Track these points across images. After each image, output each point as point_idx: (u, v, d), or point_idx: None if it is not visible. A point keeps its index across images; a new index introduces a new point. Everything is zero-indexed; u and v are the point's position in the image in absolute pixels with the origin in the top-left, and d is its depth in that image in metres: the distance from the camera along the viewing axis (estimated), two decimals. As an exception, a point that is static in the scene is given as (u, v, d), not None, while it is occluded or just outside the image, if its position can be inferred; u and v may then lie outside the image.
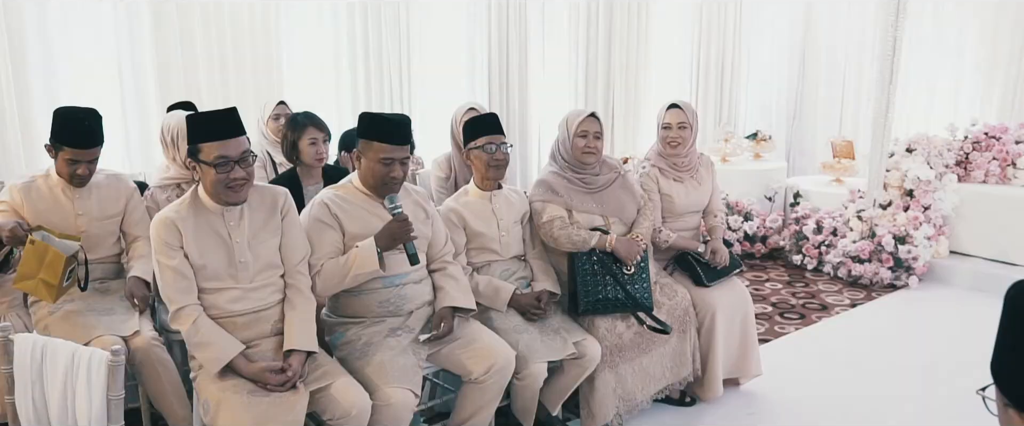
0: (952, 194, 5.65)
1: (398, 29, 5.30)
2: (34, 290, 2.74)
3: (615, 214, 3.38)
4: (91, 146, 2.86)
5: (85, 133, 2.84)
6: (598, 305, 3.19)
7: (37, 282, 2.71)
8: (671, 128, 3.58)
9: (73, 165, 2.85)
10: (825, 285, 5.57)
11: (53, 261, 2.72)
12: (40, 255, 2.70)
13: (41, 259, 2.71)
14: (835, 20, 8.00)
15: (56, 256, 2.73)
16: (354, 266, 2.66)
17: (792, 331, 4.64)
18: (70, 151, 2.82)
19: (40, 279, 2.71)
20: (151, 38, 4.37)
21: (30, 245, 2.70)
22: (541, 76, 6.26)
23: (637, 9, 6.74)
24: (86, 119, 2.85)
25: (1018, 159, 5.65)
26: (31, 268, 2.71)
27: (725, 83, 7.67)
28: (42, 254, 2.71)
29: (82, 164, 2.86)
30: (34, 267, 2.70)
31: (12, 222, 2.77)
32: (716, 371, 3.54)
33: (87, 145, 2.84)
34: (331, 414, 2.46)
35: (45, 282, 2.72)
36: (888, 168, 5.80)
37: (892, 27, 5.47)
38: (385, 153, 2.66)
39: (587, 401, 3.28)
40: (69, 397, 1.87)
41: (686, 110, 3.59)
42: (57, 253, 2.74)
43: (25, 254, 2.70)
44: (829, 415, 3.51)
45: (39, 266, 2.70)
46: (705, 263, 3.60)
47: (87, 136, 2.84)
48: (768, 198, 6.60)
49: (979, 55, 7.05)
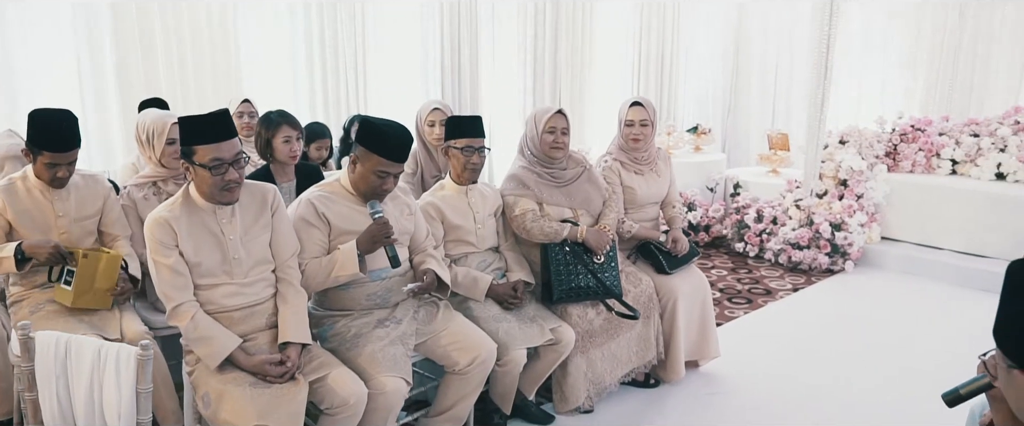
0: (882, 183, 6.00)
1: (354, 27, 5.35)
2: (94, 302, 2.81)
3: (583, 206, 3.53)
4: (70, 149, 2.86)
5: (63, 136, 2.84)
6: (571, 293, 3.34)
7: (94, 293, 2.80)
8: (634, 125, 3.74)
9: (53, 168, 2.85)
10: (767, 271, 5.85)
11: (108, 267, 2.81)
12: (92, 267, 2.77)
13: (94, 270, 2.78)
14: (766, 18, 8.35)
15: (111, 260, 2.82)
16: (335, 268, 2.73)
17: (741, 315, 4.88)
18: (49, 155, 2.82)
19: (97, 289, 2.79)
20: (111, 37, 4.32)
21: (83, 259, 2.76)
22: (491, 73, 6.39)
23: (582, 9, 6.92)
24: (63, 122, 2.85)
25: (942, 150, 6.04)
26: (86, 283, 2.78)
27: (664, 79, 7.92)
28: (94, 265, 2.77)
29: (62, 167, 2.86)
30: (88, 282, 2.78)
31: (50, 243, 2.82)
32: (679, 354, 3.73)
33: (66, 148, 2.85)
34: (329, 403, 2.54)
35: (102, 290, 2.82)
36: (823, 159, 6.11)
37: (826, 25, 5.76)
38: (383, 167, 2.72)
39: (560, 385, 3.44)
40: (96, 391, 1.91)
41: (648, 107, 3.76)
42: (112, 256, 2.82)
43: (79, 271, 2.76)
44: (783, 391, 3.74)
45: (93, 278, 2.78)
46: (666, 252, 3.78)
47: (65, 139, 2.84)
48: (710, 189, 6.88)
49: (903, 52, 7.48)
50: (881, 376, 3.90)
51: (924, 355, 4.18)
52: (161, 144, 3.19)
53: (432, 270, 2.90)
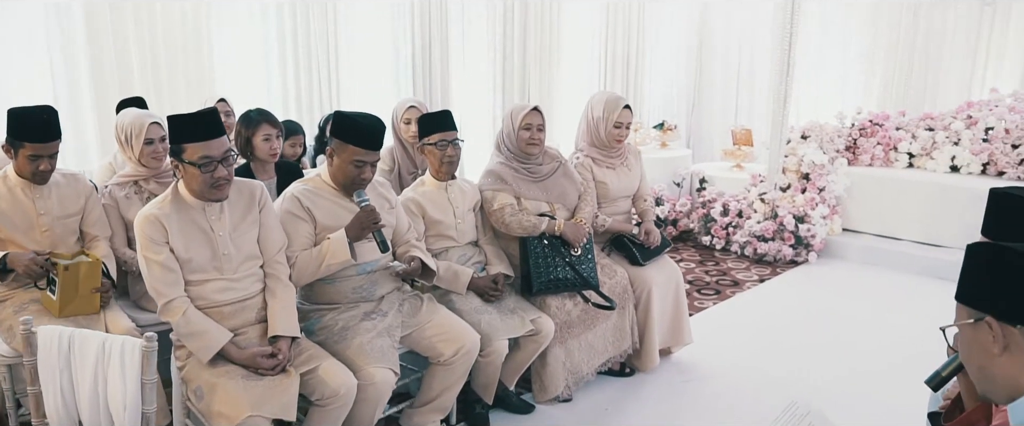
0: (843, 176, 6.19)
1: (326, 27, 5.39)
2: (80, 308, 2.81)
3: (559, 201, 3.62)
4: (51, 139, 2.88)
5: (44, 127, 2.84)
6: (550, 285, 3.43)
7: (80, 299, 2.81)
8: (622, 126, 3.84)
9: (35, 161, 2.85)
10: (734, 263, 6.01)
11: (89, 273, 2.81)
12: (73, 276, 2.78)
13: (76, 278, 2.78)
14: (728, 18, 8.54)
15: (91, 266, 2.82)
16: (327, 257, 2.79)
17: (710, 306, 5.02)
18: (31, 147, 2.82)
19: (82, 294, 2.80)
20: (84, 36, 4.31)
21: (64, 272, 2.76)
22: (462, 71, 6.46)
23: (549, 8, 7.02)
24: (43, 113, 2.87)
25: (899, 144, 6.25)
26: (71, 292, 2.78)
27: (630, 76, 8.05)
28: (75, 274, 2.78)
29: (44, 159, 2.87)
30: (72, 290, 2.78)
31: (26, 256, 2.82)
32: (653, 343, 3.85)
33: (48, 139, 2.86)
34: (320, 394, 2.60)
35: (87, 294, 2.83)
36: (786, 154, 6.28)
37: (788, 23, 5.93)
38: (359, 156, 2.79)
39: (539, 375, 3.53)
40: (100, 384, 1.95)
41: (631, 110, 3.87)
42: (91, 262, 2.83)
43: (62, 282, 2.76)
44: (753, 377, 3.88)
45: (76, 286, 2.79)
46: (639, 244, 3.89)
47: (46, 130, 2.85)
48: (676, 184, 7.03)
49: (861, 50, 7.71)
50: (845, 362, 4.06)
51: (885, 341, 4.35)
52: (139, 144, 3.21)
53: (417, 256, 2.98)
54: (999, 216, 1.59)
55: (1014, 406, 1.34)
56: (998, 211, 1.60)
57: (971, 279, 1.41)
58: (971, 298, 1.40)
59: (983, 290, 1.38)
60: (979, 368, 1.41)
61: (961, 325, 1.42)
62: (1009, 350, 1.33)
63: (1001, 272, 1.34)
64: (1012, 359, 1.33)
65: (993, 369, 1.36)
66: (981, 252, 1.39)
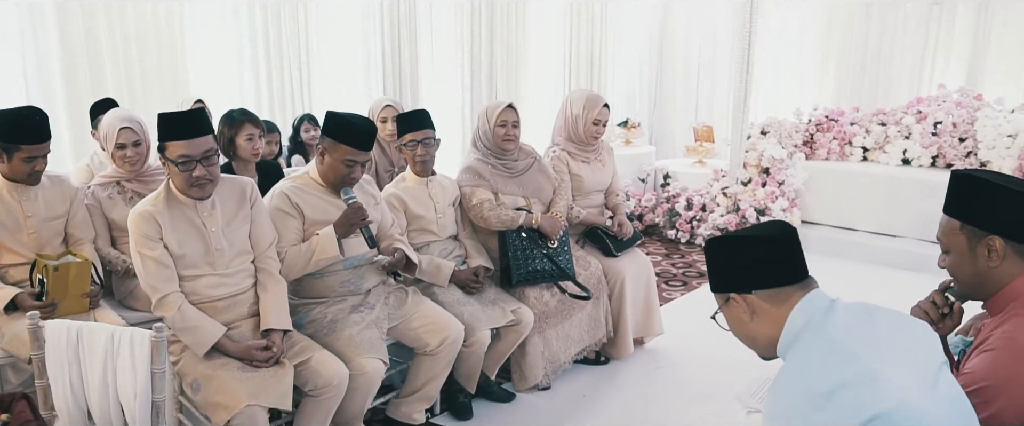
0: (801, 170, 6.41)
1: (297, 27, 5.44)
2: (70, 308, 2.82)
3: (535, 195, 3.75)
4: (46, 139, 2.91)
5: (38, 128, 2.87)
6: (529, 276, 3.55)
7: (69, 300, 2.82)
8: (600, 124, 3.97)
9: (31, 162, 2.87)
10: (698, 255, 6.19)
11: (79, 273, 2.83)
12: (63, 279, 2.80)
13: (65, 281, 2.80)
14: (688, 17, 8.74)
15: (81, 267, 2.84)
16: (316, 252, 2.88)
17: (678, 296, 5.18)
18: (28, 148, 2.84)
19: (71, 296, 2.81)
20: (56, 39, 4.31)
21: (54, 272, 2.77)
22: (431, 71, 6.54)
23: (515, 9, 7.14)
24: (35, 114, 2.89)
25: (854, 139, 6.49)
26: (61, 292, 2.80)
27: (594, 75, 8.20)
28: (65, 277, 2.80)
29: (39, 159, 2.89)
30: (62, 292, 2.80)
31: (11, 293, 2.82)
32: (627, 332, 3.99)
33: (43, 139, 2.89)
34: (313, 385, 2.68)
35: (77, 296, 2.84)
36: (747, 149, 6.48)
37: (747, 24, 6.13)
38: (351, 156, 2.88)
39: (519, 364, 3.65)
40: (110, 374, 2.01)
41: (609, 108, 4.01)
42: (81, 263, 2.84)
43: (52, 283, 2.78)
44: (723, 363, 4.01)
45: (66, 288, 2.80)
46: (612, 236, 4.03)
47: (41, 130, 2.88)
48: (641, 180, 7.19)
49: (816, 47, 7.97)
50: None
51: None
52: (111, 147, 3.25)
53: (401, 249, 3.08)
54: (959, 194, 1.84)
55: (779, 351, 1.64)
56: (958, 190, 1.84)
57: (712, 271, 1.73)
58: (718, 286, 1.72)
59: (721, 275, 1.71)
60: (745, 336, 1.72)
61: (721, 308, 1.73)
62: (757, 314, 1.65)
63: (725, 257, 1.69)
64: (762, 319, 1.65)
65: (753, 333, 1.68)
66: (711, 247, 1.72)
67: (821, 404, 1.42)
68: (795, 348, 1.58)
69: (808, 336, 1.56)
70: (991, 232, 1.79)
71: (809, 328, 1.57)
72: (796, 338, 1.58)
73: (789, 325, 1.60)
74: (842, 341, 1.51)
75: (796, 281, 1.63)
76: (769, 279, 1.63)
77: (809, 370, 1.50)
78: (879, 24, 7.53)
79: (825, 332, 1.55)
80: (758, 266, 1.63)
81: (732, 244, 1.68)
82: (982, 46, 7.13)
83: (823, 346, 1.52)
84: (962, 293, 1.95)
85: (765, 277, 1.63)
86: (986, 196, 1.79)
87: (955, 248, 1.86)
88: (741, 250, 1.66)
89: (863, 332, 1.55)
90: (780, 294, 1.62)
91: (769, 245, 1.63)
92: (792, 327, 1.59)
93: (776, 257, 1.63)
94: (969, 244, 1.83)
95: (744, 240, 1.67)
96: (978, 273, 1.84)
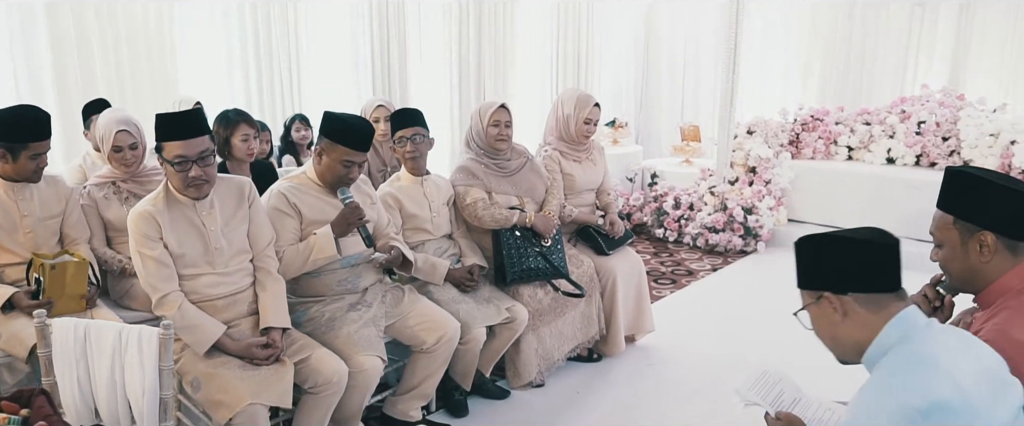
0: (788, 170, 6.48)
1: (286, 27, 5.45)
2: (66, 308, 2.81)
3: (528, 194, 3.78)
4: (49, 135, 2.92)
5: (42, 125, 2.88)
6: (524, 274, 3.58)
7: (66, 299, 2.82)
8: (591, 123, 4.01)
9: (36, 159, 2.88)
10: (687, 254, 6.25)
11: (77, 274, 2.83)
12: (60, 277, 2.80)
13: (62, 279, 2.80)
14: (673, 18, 8.81)
15: (78, 267, 2.84)
16: (314, 251, 2.90)
17: (668, 294, 5.24)
18: (34, 146, 2.85)
19: (68, 295, 2.82)
20: (46, 38, 4.30)
21: (51, 271, 2.77)
22: (419, 71, 6.57)
23: (503, 10, 7.18)
24: (36, 112, 2.91)
25: (839, 138, 6.58)
26: (58, 290, 2.80)
27: (581, 75, 8.24)
28: (62, 275, 2.80)
29: (43, 156, 2.91)
30: (59, 291, 2.80)
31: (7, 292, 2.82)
32: (618, 329, 4.03)
33: (47, 135, 2.91)
34: (313, 382, 2.70)
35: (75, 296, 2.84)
36: (734, 149, 6.55)
37: (733, 24, 6.20)
38: (348, 156, 2.90)
39: (513, 362, 3.68)
40: (117, 371, 2.02)
41: (600, 108, 4.05)
42: (78, 263, 2.85)
43: (49, 282, 2.78)
44: (714, 360, 4.09)
45: (63, 286, 2.81)
46: (604, 234, 4.07)
47: (45, 127, 2.89)
48: (629, 179, 7.24)
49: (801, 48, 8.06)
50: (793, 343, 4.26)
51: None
52: (107, 149, 3.26)
53: (397, 246, 3.11)
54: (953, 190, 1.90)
55: (865, 359, 1.65)
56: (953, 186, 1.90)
57: (804, 268, 1.74)
58: (808, 283, 1.73)
59: (815, 273, 1.71)
60: (831, 337, 1.72)
61: (808, 306, 1.73)
62: (849, 316, 1.65)
63: (825, 255, 1.68)
64: (853, 322, 1.65)
65: (841, 335, 1.68)
66: (804, 244, 1.73)
67: (915, 419, 1.43)
68: (887, 359, 1.58)
69: (902, 349, 1.56)
70: (983, 227, 1.84)
71: (904, 342, 1.57)
72: (888, 350, 1.59)
73: (884, 335, 1.60)
74: (941, 361, 1.50)
75: (893, 289, 1.64)
76: (868, 283, 1.63)
77: (905, 383, 1.49)
78: (862, 25, 7.63)
79: (923, 348, 1.55)
80: (860, 269, 1.63)
81: (834, 244, 1.67)
82: (964, 46, 7.24)
83: (921, 362, 1.52)
84: (953, 287, 2.00)
85: (865, 281, 1.63)
86: (979, 192, 1.83)
87: (948, 242, 1.91)
88: (844, 251, 1.65)
89: (962, 359, 1.54)
90: (877, 300, 1.63)
91: (873, 249, 1.62)
92: (886, 338, 1.60)
93: (879, 262, 1.63)
94: (961, 238, 1.88)
95: (848, 241, 1.65)
96: (970, 267, 1.88)
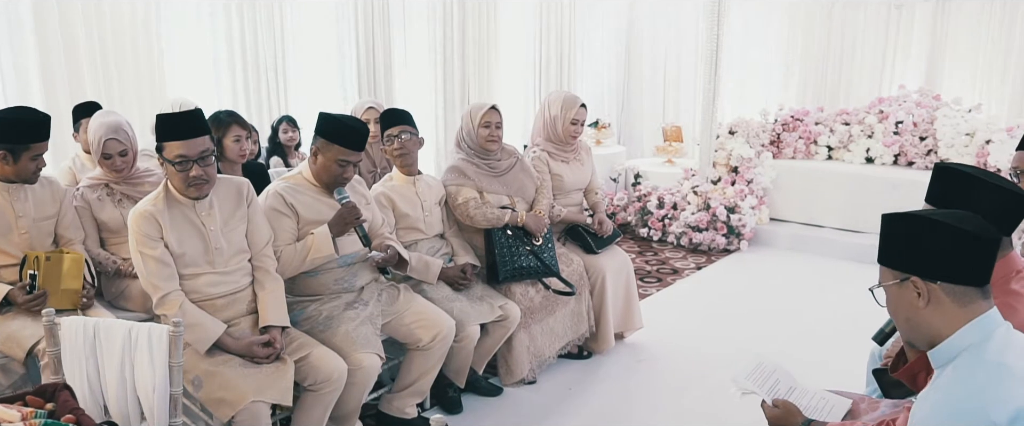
0: (769, 169, 6.58)
1: (272, 29, 5.46)
2: (60, 303, 2.80)
3: (518, 194, 3.83)
4: (48, 134, 2.93)
5: (40, 125, 2.90)
6: (516, 273, 3.63)
7: (61, 294, 2.82)
8: (577, 123, 4.06)
9: (37, 159, 2.90)
10: (671, 253, 6.33)
11: (72, 268, 2.83)
12: (56, 269, 2.80)
13: (58, 272, 2.81)
14: (655, 20, 8.90)
15: (74, 261, 2.84)
16: (311, 251, 2.93)
17: (655, 292, 5.31)
18: (35, 146, 2.86)
19: (64, 290, 2.82)
20: (33, 40, 4.28)
21: (46, 262, 2.77)
22: (404, 73, 6.60)
23: (486, 13, 7.23)
24: (33, 113, 2.92)
25: (819, 138, 6.69)
26: (53, 283, 2.80)
27: (564, 77, 8.31)
28: (57, 267, 2.80)
29: (41, 156, 2.92)
30: (54, 283, 2.81)
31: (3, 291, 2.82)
32: (608, 326, 4.09)
33: (46, 135, 2.92)
34: (313, 380, 2.73)
35: (70, 291, 2.84)
36: (716, 149, 6.64)
37: (715, 26, 6.29)
38: (343, 156, 2.94)
39: (505, 360, 3.73)
40: (127, 369, 2.04)
41: (586, 109, 4.11)
42: (74, 257, 2.85)
43: (44, 273, 2.79)
44: (701, 356, 4.16)
45: (58, 279, 2.81)
46: (593, 233, 4.13)
47: (43, 127, 2.91)
48: (613, 179, 7.31)
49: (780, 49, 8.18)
50: (780, 338, 4.39)
51: (814, 319, 4.71)
52: (97, 155, 3.27)
53: (393, 245, 3.15)
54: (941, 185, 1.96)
55: (934, 352, 1.62)
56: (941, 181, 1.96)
57: (893, 245, 1.66)
58: (894, 261, 1.66)
59: (906, 254, 1.63)
60: (906, 319, 1.67)
61: (887, 286, 1.68)
62: (932, 303, 1.59)
63: (922, 238, 1.60)
64: (935, 311, 1.60)
65: (918, 320, 1.63)
66: (898, 221, 1.65)
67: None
68: (962, 362, 1.54)
69: (978, 354, 1.53)
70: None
71: (982, 346, 1.54)
72: (962, 350, 1.55)
73: (962, 334, 1.56)
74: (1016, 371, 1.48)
75: (981, 284, 1.58)
76: (961, 275, 1.56)
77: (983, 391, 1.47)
78: (841, 26, 7.76)
79: (1004, 357, 1.52)
80: (956, 259, 1.56)
81: (935, 229, 1.57)
82: (940, 47, 7.39)
83: (1001, 371, 1.49)
84: None
85: (958, 272, 1.56)
86: None
87: None
88: (944, 238, 1.56)
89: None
90: (965, 293, 1.57)
91: (973, 241, 1.55)
92: (963, 338, 1.56)
93: (975, 255, 1.56)
94: None
95: (950, 229, 1.56)
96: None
